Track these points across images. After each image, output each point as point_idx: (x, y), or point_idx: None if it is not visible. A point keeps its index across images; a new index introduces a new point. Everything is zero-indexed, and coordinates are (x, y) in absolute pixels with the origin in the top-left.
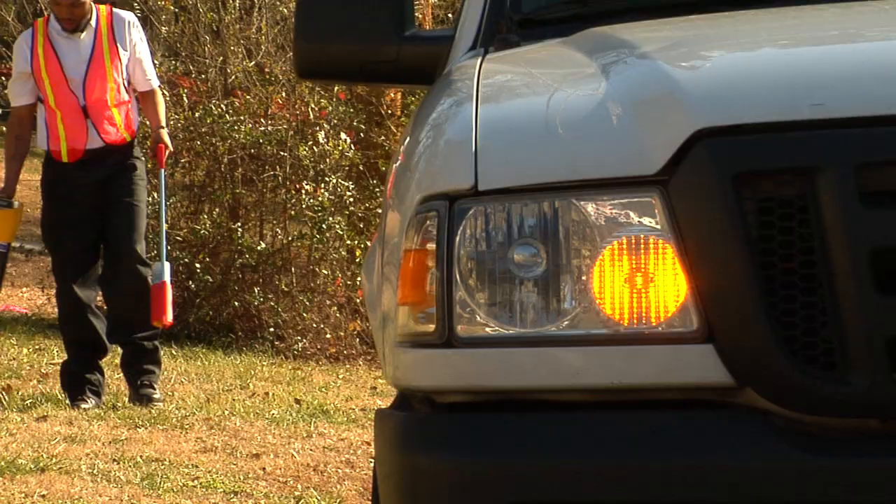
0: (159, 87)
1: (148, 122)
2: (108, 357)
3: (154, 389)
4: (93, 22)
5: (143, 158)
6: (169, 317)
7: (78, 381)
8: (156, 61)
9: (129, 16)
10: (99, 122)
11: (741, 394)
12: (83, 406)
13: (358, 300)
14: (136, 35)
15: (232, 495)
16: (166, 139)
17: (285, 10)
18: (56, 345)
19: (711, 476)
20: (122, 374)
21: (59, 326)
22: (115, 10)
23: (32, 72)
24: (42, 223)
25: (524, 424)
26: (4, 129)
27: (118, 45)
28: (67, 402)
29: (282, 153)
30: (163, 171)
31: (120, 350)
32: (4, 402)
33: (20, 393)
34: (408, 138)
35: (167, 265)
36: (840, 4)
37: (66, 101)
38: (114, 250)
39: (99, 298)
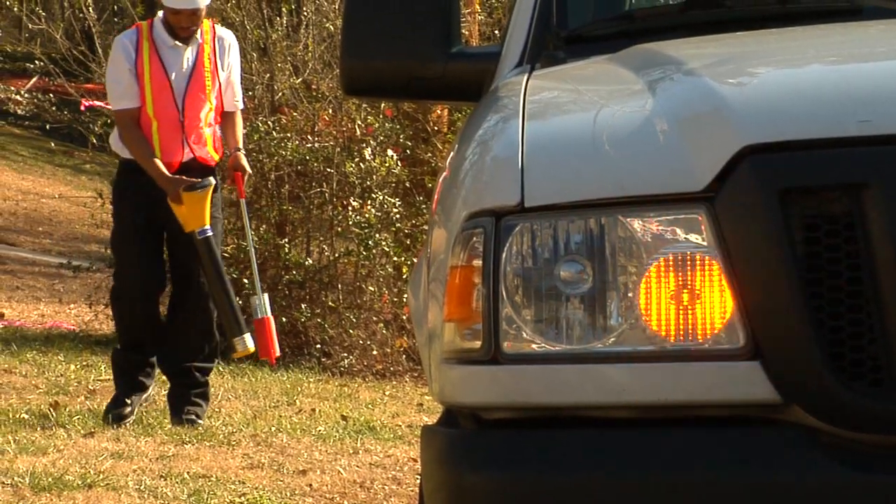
0: (243, 109)
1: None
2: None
3: (199, 419)
4: (198, 35)
5: (217, 182)
6: (276, 351)
7: (125, 377)
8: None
9: (229, 36)
10: (193, 139)
11: (787, 411)
12: (124, 411)
13: (404, 317)
14: (234, 57)
15: None
16: (244, 163)
17: (332, 28)
18: (104, 361)
19: (758, 493)
20: (166, 391)
21: (114, 341)
22: (217, 27)
23: (136, 75)
24: (112, 232)
25: (570, 441)
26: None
27: (219, 65)
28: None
29: (328, 170)
30: (243, 200)
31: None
32: (52, 418)
33: (67, 409)
34: (454, 155)
35: (265, 297)
36: (887, 21)
37: (166, 112)
38: (184, 282)
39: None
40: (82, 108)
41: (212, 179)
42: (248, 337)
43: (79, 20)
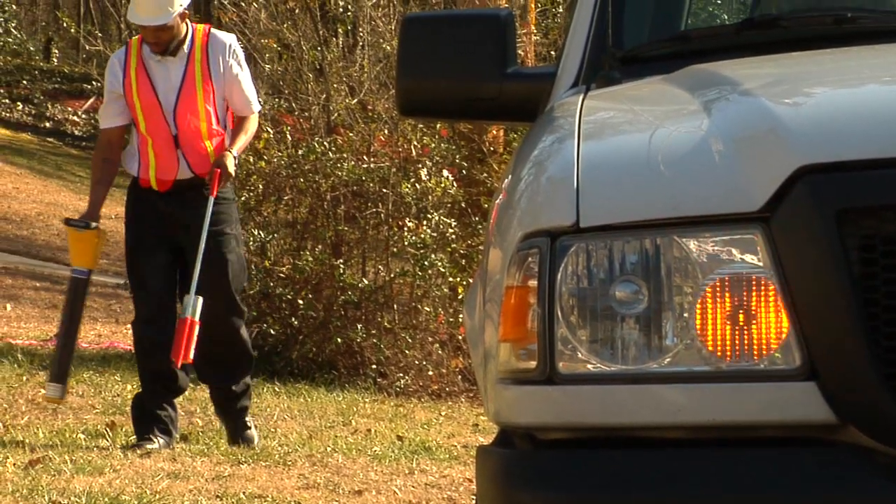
0: (259, 112)
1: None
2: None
3: (250, 427)
4: (186, 45)
5: (233, 198)
6: (187, 356)
7: (147, 418)
8: (260, 99)
9: (227, 38)
10: (190, 153)
11: (844, 432)
12: (148, 447)
13: (460, 337)
14: (232, 59)
15: None
16: (229, 164)
17: (388, 48)
18: None
19: None
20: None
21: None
22: (213, 32)
23: (124, 93)
24: (125, 250)
25: (625, 461)
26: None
27: (211, 72)
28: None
29: (384, 190)
30: (211, 198)
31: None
32: (108, 439)
33: (124, 429)
34: (510, 175)
35: (199, 300)
36: None
37: (158, 129)
38: (208, 304)
39: None
40: None
41: (94, 224)
42: (59, 388)
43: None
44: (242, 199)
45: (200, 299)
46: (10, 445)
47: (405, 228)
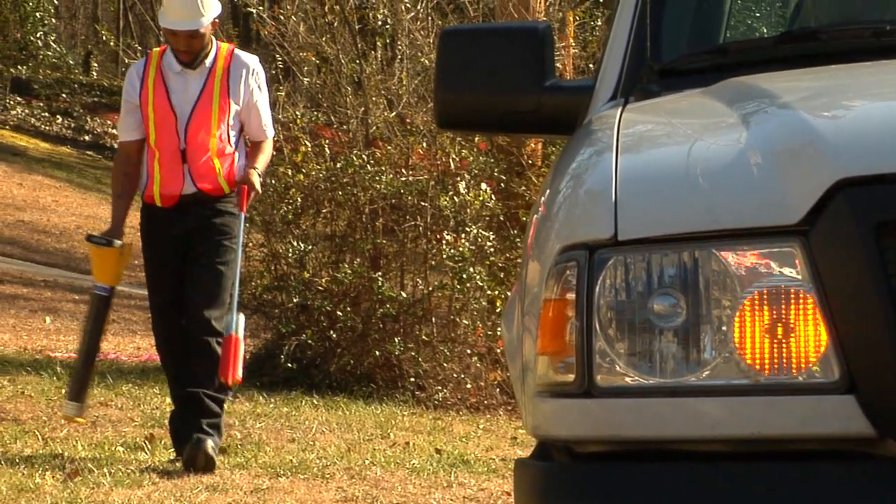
0: (273, 137)
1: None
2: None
3: (211, 450)
4: (209, 61)
5: (237, 213)
6: (236, 375)
7: (183, 431)
8: (298, 112)
9: (251, 60)
10: (195, 169)
11: (882, 445)
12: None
13: (498, 350)
14: (253, 82)
15: None
16: (255, 181)
17: (426, 62)
18: None
19: None
20: (261, 424)
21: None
22: (236, 52)
23: (140, 104)
24: (144, 268)
25: (664, 475)
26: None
27: (230, 92)
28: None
29: (423, 203)
30: (243, 215)
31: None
32: (147, 451)
33: (163, 442)
34: (548, 188)
35: (241, 318)
36: None
37: (167, 142)
38: (189, 313)
39: None
40: None
41: (117, 242)
42: (77, 406)
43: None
44: (281, 211)
45: (242, 316)
46: (49, 458)
47: (443, 241)
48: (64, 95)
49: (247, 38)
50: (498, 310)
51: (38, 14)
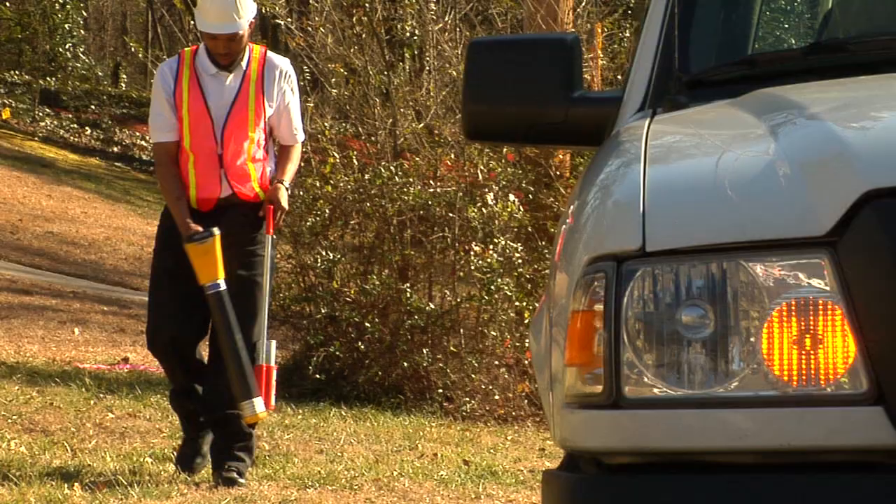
0: (303, 141)
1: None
2: (272, 417)
3: (241, 478)
4: (243, 63)
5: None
6: (269, 404)
7: (188, 454)
8: (326, 123)
9: (283, 63)
10: (233, 174)
11: None
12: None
13: (526, 361)
14: (286, 85)
15: None
16: (282, 197)
17: (454, 73)
18: None
19: None
20: (289, 436)
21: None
22: (269, 54)
23: (174, 105)
24: (150, 277)
25: (692, 486)
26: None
27: (265, 94)
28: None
29: (451, 214)
30: (270, 237)
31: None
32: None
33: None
34: (576, 199)
35: (271, 344)
36: None
37: (204, 145)
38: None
39: None
40: None
41: (216, 230)
42: (258, 402)
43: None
44: (309, 223)
45: (273, 343)
46: (77, 469)
47: (471, 253)
48: (93, 107)
49: (275, 49)
50: (526, 321)
51: (66, 26)
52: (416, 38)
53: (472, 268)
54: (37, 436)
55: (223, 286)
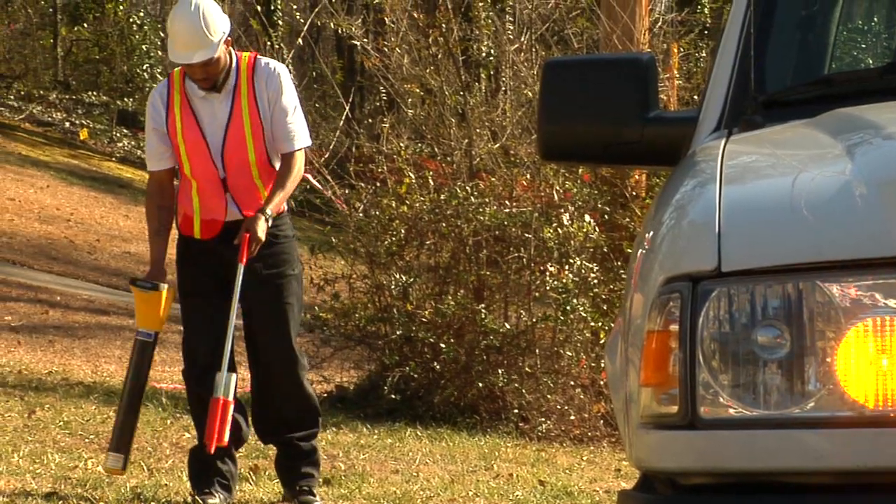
0: (304, 148)
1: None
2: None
3: (314, 496)
4: (231, 80)
5: (292, 234)
6: (221, 439)
7: (205, 471)
8: (402, 144)
9: (273, 64)
10: (240, 196)
11: None
12: (209, 501)
13: (602, 382)
14: (276, 85)
15: None
16: (259, 228)
17: (530, 93)
18: None
19: None
20: (365, 456)
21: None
22: (258, 59)
23: (167, 133)
24: (179, 298)
25: None
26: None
27: (258, 105)
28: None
29: (526, 235)
30: (241, 265)
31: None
32: (252, 482)
33: (267, 472)
34: (652, 219)
35: (231, 378)
36: None
37: (205, 171)
38: (263, 351)
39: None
40: None
41: (164, 286)
42: (120, 458)
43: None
44: (385, 243)
45: (234, 377)
46: (154, 489)
47: (547, 273)
48: None
49: (351, 70)
50: (601, 341)
51: (144, 47)
52: (492, 58)
53: (548, 288)
54: None
55: (153, 338)
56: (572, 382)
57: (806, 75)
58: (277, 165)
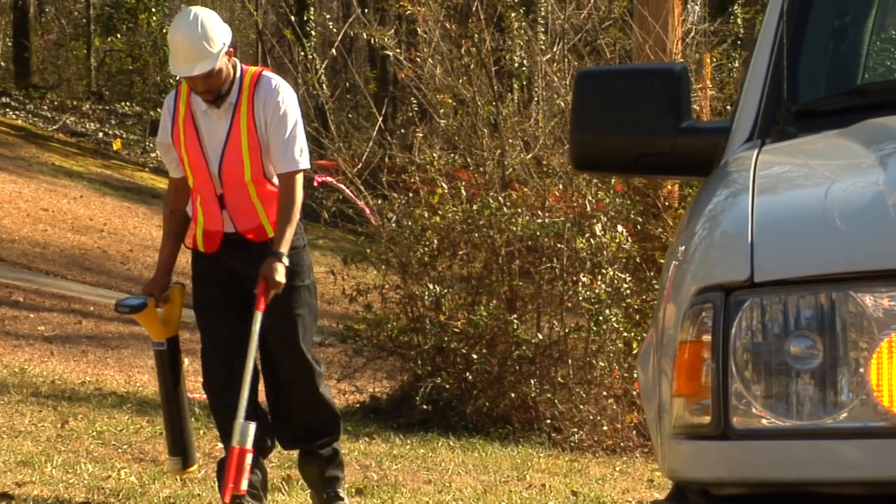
0: (304, 170)
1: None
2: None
3: (343, 498)
4: (233, 95)
5: (303, 244)
6: (238, 488)
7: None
8: (434, 154)
9: (272, 82)
10: (236, 215)
11: None
12: None
13: (634, 392)
14: (274, 102)
15: None
16: (278, 276)
17: (562, 104)
18: None
19: None
20: (397, 466)
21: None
22: (263, 74)
23: (173, 144)
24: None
25: None
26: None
27: (256, 123)
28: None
29: (559, 245)
30: (259, 313)
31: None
32: (284, 492)
33: (299, 482)
34: (684, 230)
35: (249, 427)
36: None
37: (204, 187)
38: (279, 363)
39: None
40: (315, 183)
41: (148, 300)
42: (175, 460)
43: (312, 97)
44: (417, 253)
45: (252, 425)
46: (187, 499)
47: (580, 283)
48: None
49: (384, 81)
50: (634, 352)
51: None
52: (524, 68)
53: (580, 298)
54: (146, 465)
55: (164, 346)
56: (605, 393)
57: (839, 85)
58: (273, 187)
